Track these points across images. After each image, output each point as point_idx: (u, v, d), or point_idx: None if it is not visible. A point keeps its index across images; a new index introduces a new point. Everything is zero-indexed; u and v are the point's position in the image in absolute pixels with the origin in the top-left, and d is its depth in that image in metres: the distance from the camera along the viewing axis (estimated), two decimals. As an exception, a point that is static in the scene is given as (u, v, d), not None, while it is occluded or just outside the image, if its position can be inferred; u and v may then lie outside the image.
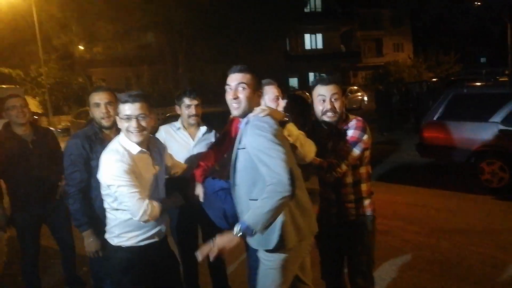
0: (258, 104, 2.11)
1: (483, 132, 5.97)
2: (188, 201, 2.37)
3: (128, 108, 2.08)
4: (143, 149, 2.17)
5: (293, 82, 33.79)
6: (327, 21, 33.62)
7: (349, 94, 23.51)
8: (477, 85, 8.50)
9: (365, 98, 25.58)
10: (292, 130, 2.18)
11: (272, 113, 2.04)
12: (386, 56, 36.49)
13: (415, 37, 38.34)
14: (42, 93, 24.46)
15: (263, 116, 1.99)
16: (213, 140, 3.00)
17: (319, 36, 35.50)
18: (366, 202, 2.47)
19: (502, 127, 5.75)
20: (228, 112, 2.20)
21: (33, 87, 25.63)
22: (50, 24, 20.80)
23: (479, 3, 33.19)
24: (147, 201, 2.07)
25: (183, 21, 20.52)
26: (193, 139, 2.99)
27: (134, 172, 2.08)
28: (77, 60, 27.09)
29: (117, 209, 2.15)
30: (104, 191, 2.17)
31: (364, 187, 2.47)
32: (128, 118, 2.08)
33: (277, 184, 1.80)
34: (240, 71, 2.08)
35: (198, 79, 24.23)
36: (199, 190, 2.29)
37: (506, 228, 4.58)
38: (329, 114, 2.39)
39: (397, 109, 13.29)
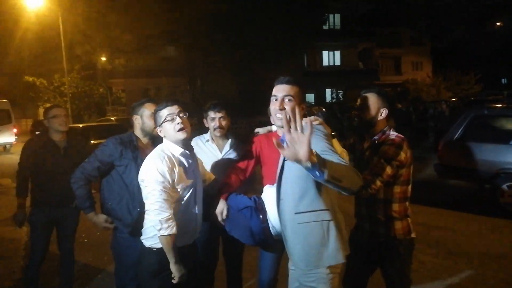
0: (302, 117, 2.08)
1: (504, 154, 5.86)
2: (210, 219, 2.42)
3: (168, 110, 2.22)
4: (186, 151, 2.26)
5: (310, 98, 33.84)
6: (346, 38, 33.76)
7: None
8: (499, 106, 8.37)
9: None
10: (336, 145, 2.15)
11: (322, 124, 2.04)
12: (405, 75, 36.30)
13: (435, 56, 38.09)
14: (64, 102, 25.11)
15: (317, 124, 1.98)
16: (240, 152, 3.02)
17: (337, 53, 35.61)
18: (398, 224, 2.32)
19: (523, 150, 5.64)
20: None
21: (56, 96, 26.35)
22: (75, 35, 21.43)
23: (500, 24, 32.87)
24: (167, 215, 2.08)
25: (203, 35, 20.90)
26: (220, 152, 3.02)
27: (172, 177, 2.13)
28: (99, 71, 27.78)
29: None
30: (143, 191, 2.22)
31: (396, 207, 2.32)
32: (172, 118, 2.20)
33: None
34: (287, 82, 2.07)
35: (216, 92, 24.53)
36: (222, 207, 2.33)
37: (527, 254, 4.45)
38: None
39: (416, 128, 13.17)
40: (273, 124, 2.41)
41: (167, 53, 28.75)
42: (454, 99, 23.59)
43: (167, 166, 2.13)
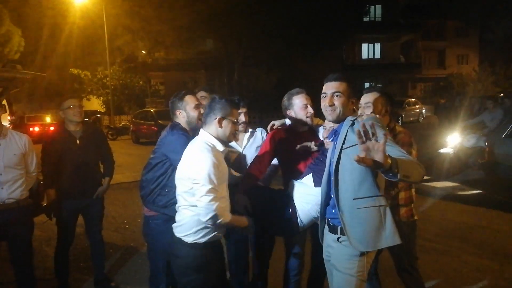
0: (352, 111, 2.24)
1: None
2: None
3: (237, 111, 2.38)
4: (226, 147, 2.31)
5: (348, 92, 33.18)
6: (387, 31, 32.68)
7: (406, 106, 22.62)
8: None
9: (423, 111, 24.50)
10: None
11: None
12: (449, 68, 34.77)
13: (482, 50, 36.18)
14: (106, 94, 26.00)
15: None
16: (260, 141, 3.08)
17: (377, 46, 34.60)
18: (403, 210, 2.70)
19: None
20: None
21: (99, 88, 27.33)
22: (117, 29, 22.12)
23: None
24: (216, 204, 2.09)
25: (241, 29, 20.93)
26: (240, 146, 3.07)
27: (219, 171, 2.14)
28: (140, 64, 28.54)
29: (196, 205, 2.15)
30: (183, 187, 2.21)
31: (402, 195, 2.69)
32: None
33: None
34: (336, 79, 2.20)
35: (253, 86, 24.56)
36: (244, 202, 2.46)
37: None
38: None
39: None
40: (286, 118, 2.84)
41: (206, 47, 29.08)
42: (501, 94, 22.35)
43: (217, 160, 2.15)
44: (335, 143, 2.14)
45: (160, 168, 2.73)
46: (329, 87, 2.18)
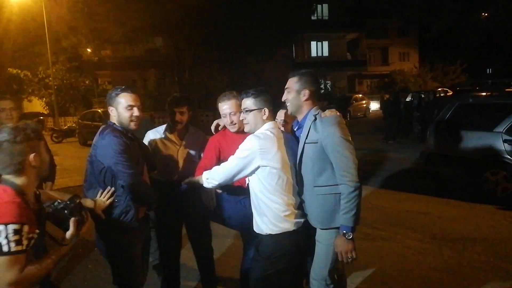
0: (311, 104, 2.42)
1: (488, 142, 5.97)
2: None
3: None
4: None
5: (299, 88, 33.78)
6: (334, 29, 33.70)
7: (353, 102, 23.50)
8: (483, 95, 8.51)
9: (370, 106, 25.56)
10: None
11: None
12: (392, 65, 36.52)
13: (422, 47, 38.35)
14: (49, 94, 24.65)
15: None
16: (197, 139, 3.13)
17: (325, 44, 35.59)
18: None
19: (506, 137, 5.75)
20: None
21: (41, 88, 25.83)
22: (59, 26, 21.00)
23: (486, 15, 33.17)
24: None
25: (190, 27, 20.65)
26: (178, 144, 3.08)
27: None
28: (85, 62, 27.33)
29: (272, 194, 2.25)
30: (260, 174, 2.26)
31: None
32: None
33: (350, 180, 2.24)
34: (290, 76, 2.45)
35: (204, 84, 24.35)
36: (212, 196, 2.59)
37: (510, 237, 4.57)
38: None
39: (404, 118, 13.30)
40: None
41: (155, 44, 28.41)
42: (439, 89, 23.86)
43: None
44: (300, 135, 2.38)
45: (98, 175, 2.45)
46: (287, 83, 2.45)
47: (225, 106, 2.70)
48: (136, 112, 2.48)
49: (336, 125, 2.26)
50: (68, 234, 1.82)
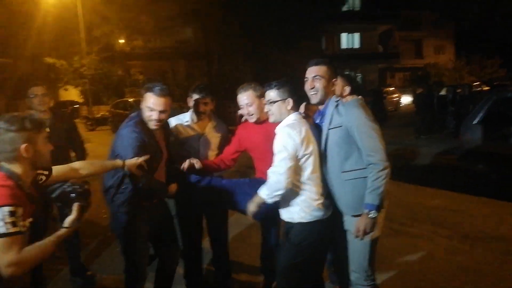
0: (334, 92, 2.46)
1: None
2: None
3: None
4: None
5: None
6: (365, 21, 32.90)
7: (385, 95, 22.91)
8: (523, 89, 8.10)
9: (402, 100, 24.90)
10: None
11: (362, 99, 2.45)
12: (426, 58, 35.39)
13: (458, 40, 36.88)
14: (83, 83, 25.34)
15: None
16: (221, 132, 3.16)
17: (357, 36, 34.85)
18: None
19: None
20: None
21: (75, 77, 26.61)
22: (93, 16, 21.51)
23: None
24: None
25: (220, 19, 20.70)
26: (200, 133, 3.08)
27: None
28: (117, 53, 27.91)
29: (305, 183, 2.29)
30: (296, 164, 2.26)
31: None
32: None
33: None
34: (315, 64, 2.39)
35: (232, 75, 24.39)
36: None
37: (546, 239, 4.36)
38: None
39: (437, 112, 12.90)
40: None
41: (185, 36, 28.61)
42: (476, 83, 22.92)
43: None
44: (323, 123, 2.37)
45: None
46: (310, 72, 2.39)
47: (242, 97, 2.79)
48: (155, 115, 2.49)
49: (359, 107, 2.29)
50: (70, 218, 1.84)
